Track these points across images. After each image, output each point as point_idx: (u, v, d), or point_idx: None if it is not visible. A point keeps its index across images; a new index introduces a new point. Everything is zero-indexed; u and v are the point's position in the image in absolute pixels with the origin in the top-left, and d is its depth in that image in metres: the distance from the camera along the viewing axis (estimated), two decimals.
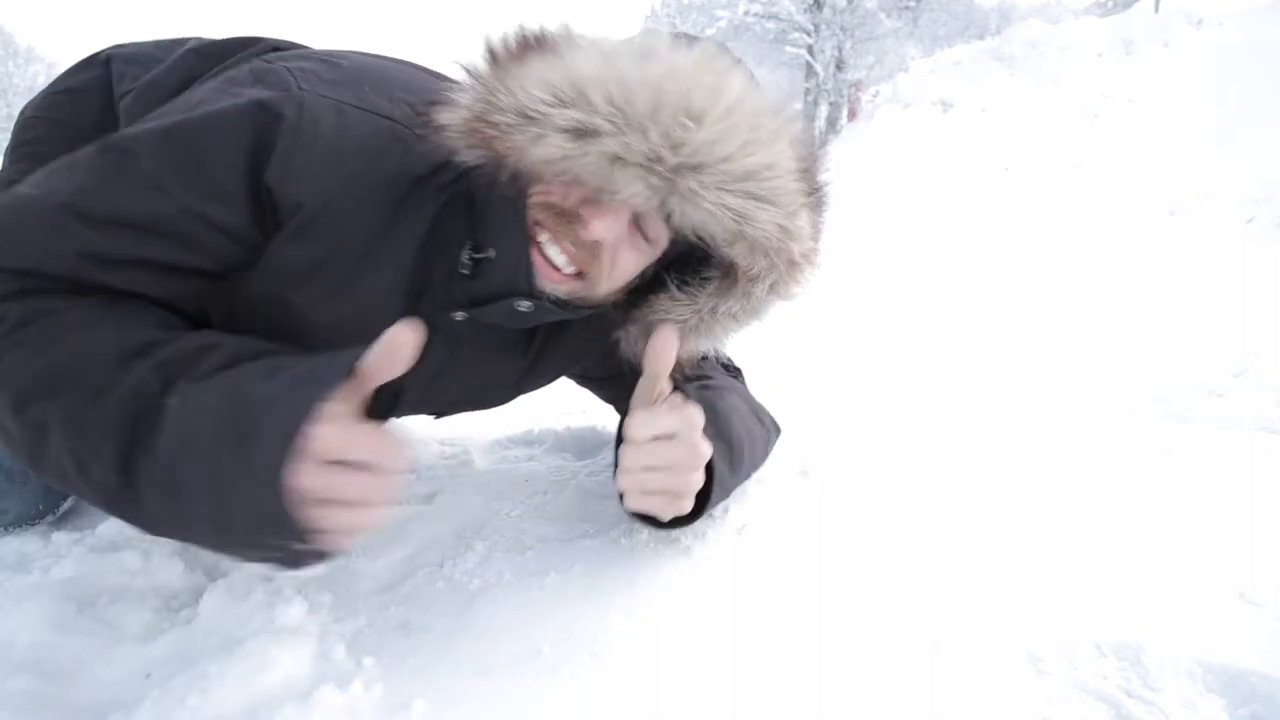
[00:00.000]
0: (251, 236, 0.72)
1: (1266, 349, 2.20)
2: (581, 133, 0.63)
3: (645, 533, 0.90)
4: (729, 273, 0.77)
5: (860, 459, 1.20)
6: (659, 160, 0.63)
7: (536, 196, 0.71)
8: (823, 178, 0.77)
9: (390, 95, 0.76)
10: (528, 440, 1.34)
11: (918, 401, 1.64)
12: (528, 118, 0.64)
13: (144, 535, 0.93)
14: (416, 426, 1.39)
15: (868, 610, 0.76)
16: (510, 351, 0.91)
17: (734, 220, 0.68)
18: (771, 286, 0.77)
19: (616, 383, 1.07)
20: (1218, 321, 2.68)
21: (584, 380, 1.13)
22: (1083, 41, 7.84)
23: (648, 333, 0.80)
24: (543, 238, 0.72)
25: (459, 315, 0.80)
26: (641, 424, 0.75)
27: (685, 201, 0.66)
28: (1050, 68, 7.59)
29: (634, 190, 0.65)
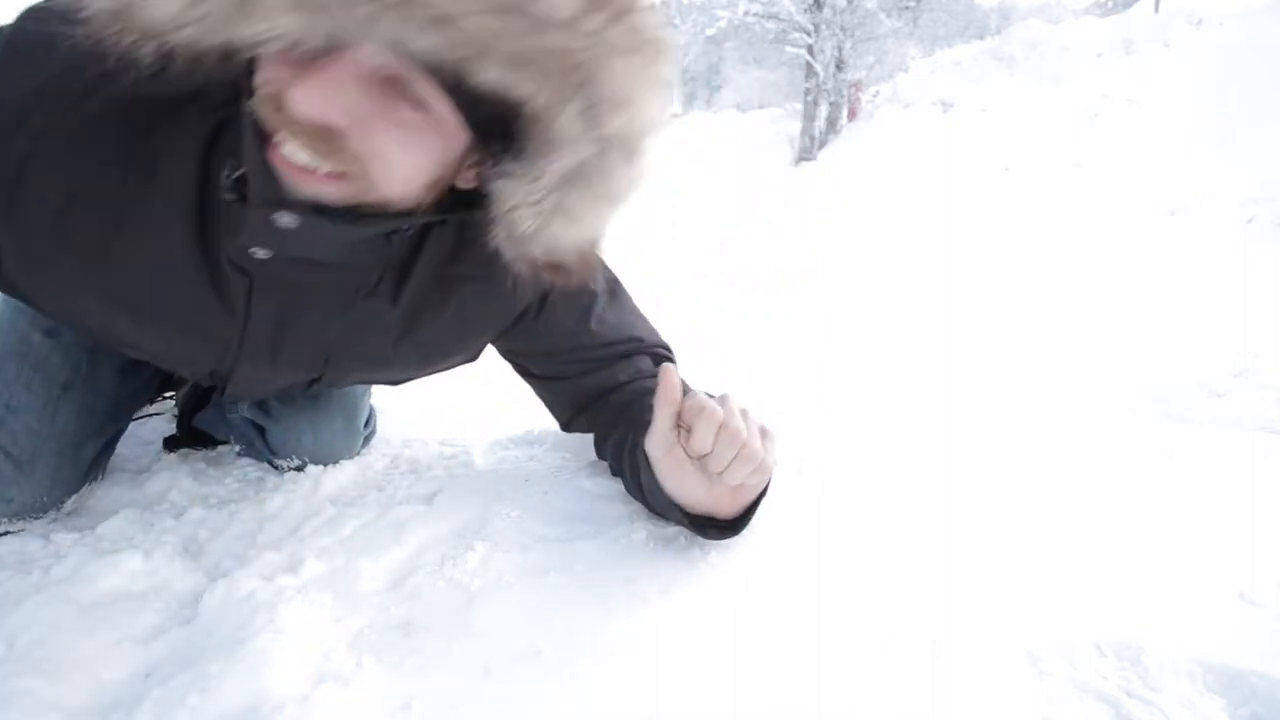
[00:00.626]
0: None
1: (1266, 349, 2.20)
2: None
3: (644, 533, 0.90)
4: (533, 120, 0.56)
5: (859, 458, 1.20)
6: None
7: (260, 90, 0.56)
8: None
9: None
10: (528, 440, 1.34)
11: (917, 400, 1.64)
12: None
13: (145, 535, 0.94)
14: (417, 426, 1.39)
15: (867, 610, 0.76)
16: (368, 296, 0.81)
17: (434, 17, 0.48)
18: (584, 115, 0.55)
19: (557, 386, 1.03)
20: (1218, 321, 2.68)
21: (523, 372, 1.05)
22: (1083, 41, 7.84)
23: (508, 231, 0.64)
24: (278, 137, 0.57)
25: (260, 253, 0.69)
26: (722, 417, 0.73)
27: (365, 18, 0.48)
28: (1050, 68, 7.59)
29: (285, 24, 0.48)
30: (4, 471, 0.93)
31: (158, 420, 1.41)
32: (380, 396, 1.32)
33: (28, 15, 0.67)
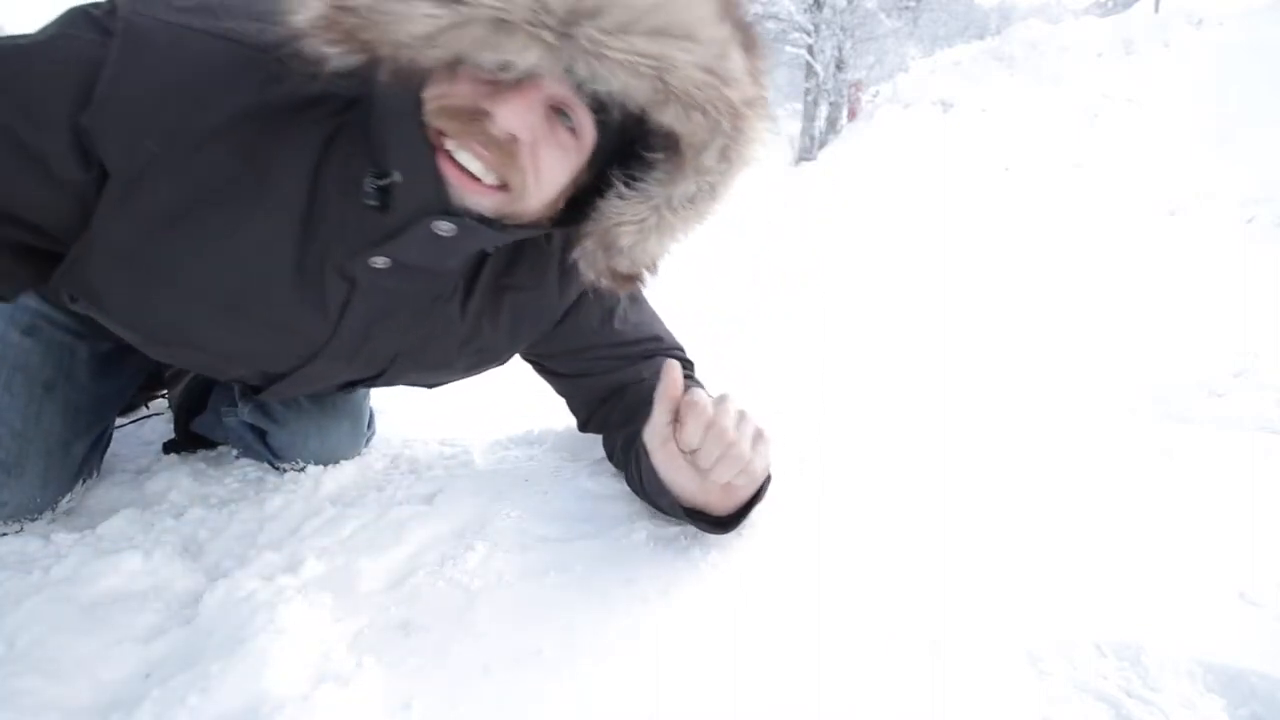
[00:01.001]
0: (75, 178, 0.66)
1: (1266, 349, 2.20)
2: None
3: (644, 533, 0.90)
4: (673, 149, 0.68)
5: (859, 458, 1.20)
6: (546, 9, 0.55)
7: (432, 103, 0.63)
8: (749, 15, 0.67)
9: (259, 21, 0.67)
10: (528, 440, 1.34)
11: (917, 400, 1.64)
12: None
13: (145, 535, 0.94)
14: (417, 426, 1.39)
15: (867, 610, 0.76)
16: (445, 302, 0.84)
17: (652, 69, 0.58)
18: (722, 152, 0.67)
19: (575, 381, 1.07)
20: (1218, 321, 2.68)
21: (541, 369, 1.09)
22: (1083, 41, 7.84)
23: (605, 245, 0.74)
24: (450, 144, 0.64)
25: (379, 262, 0.73)
26: (711, 415, 0.76)
27: (592, 58, 0.57)
28: (1050, 68, 7.59)
29: (529, 57, 0.56)
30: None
31: (157, 420, 1.41)
32: (380, 397, 1.32)
33: (139, 4, 0.65)
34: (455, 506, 0.99)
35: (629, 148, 0.72)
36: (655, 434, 0.80)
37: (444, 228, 0.68)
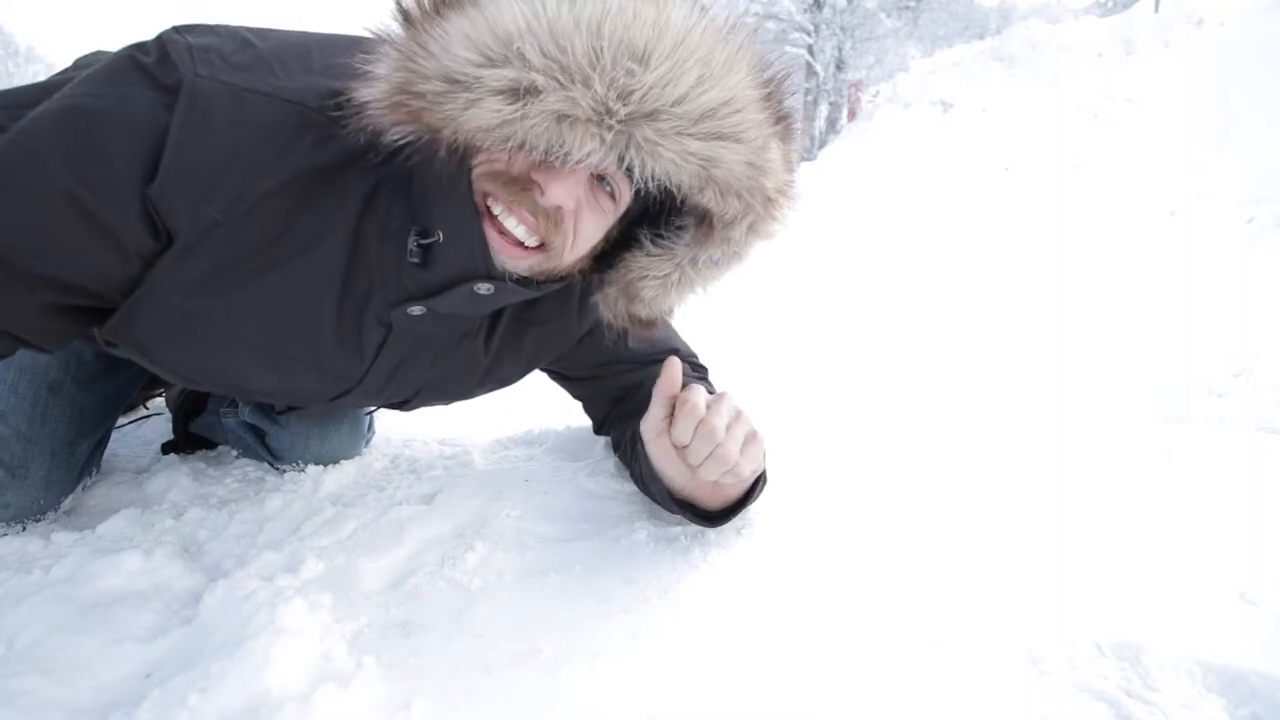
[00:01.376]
0: (145, 248, 0.67)
1: (1266, 349, 2.20)
2: (519, 93, 0.57)
3: (644, 533, 0.90)
4: (704, 219, 0.73)
5: (859, 458, 1.20)
6: (609, 113, 0.58)
7: (481, 167, 0.67)
8: (787, 104, 0.70)
9: (309, 79, 0.69)
10: (528, 440, 1.34)
11: (916, 400, 1.64)
12: (456, 82, 0.58)
13: (145, 535, 0.94)
14: (417, 426, 1.39)
15: (868, 610, 0.76)
16: (472, 339, 0.88)
17: (700, 166, 0.63)
18: (750, 227, 0.73)
19: (591, 384, 1.11)
20: (1218, 321, 2.68)
21: (557, 376, 1.13)
22: (1083, 41, 7.84)
23: (628, 294, 0.79)
24: (496, 209, 0.68)
25: (416, 310, 0.76)
26: (702, 414, 0.77)
27: (644, 153, 0.61)
28: (1050, 68, 7.59)
29: (587, 150, 0.59)
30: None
31: (157, 420, 1.41)
32: None
33: (198, 64, 0.66)
34: (455, 506, 0.99)
35: (660, 210, 0.77)
36: (651, 426, 0.82)
37: (484, 288, 0.72)
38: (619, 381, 1.07)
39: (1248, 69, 6.48)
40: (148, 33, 0.71)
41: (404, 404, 0.99)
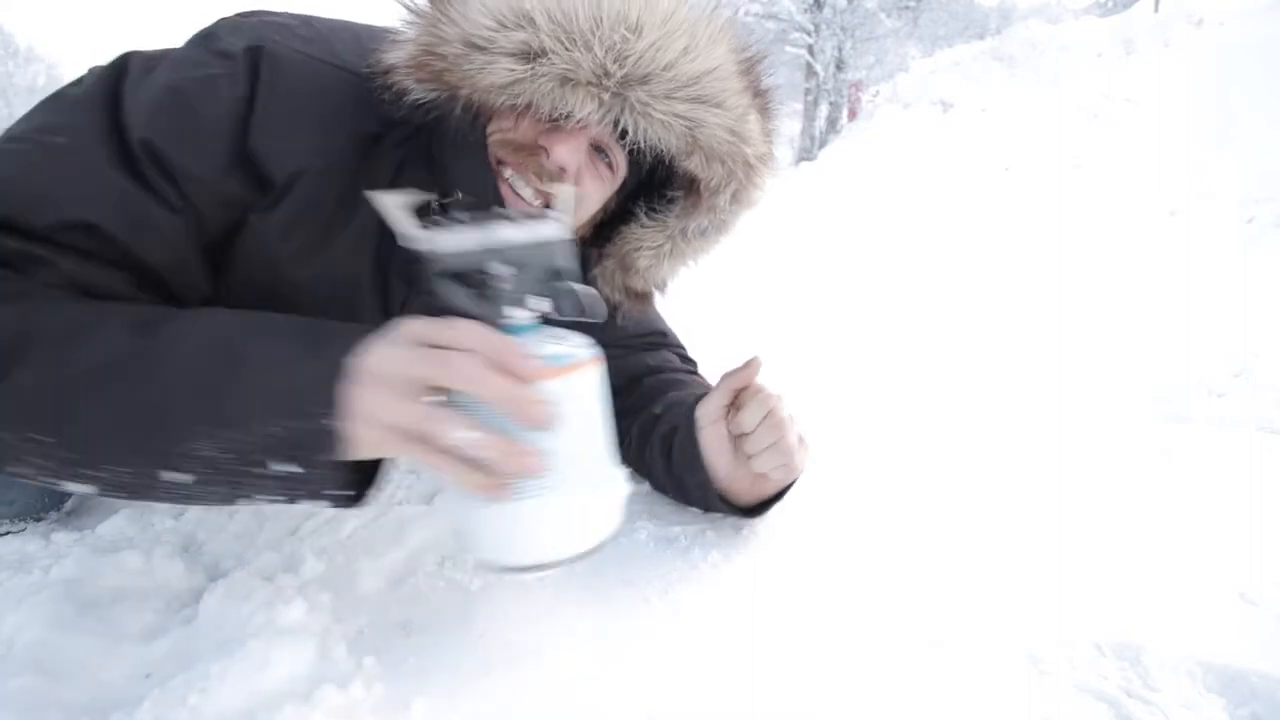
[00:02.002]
0: (244, 199, 0.72)
1: (1266, 349, 2.20)
2: (529, 54, 0.65)
3: (644, 533, 0.90)
4: (691, 190, 0.81)
5: (859, 458, 1.20)
6: (606, 74, 0.66)
7: (495, 135, 0.74)
8: (765, 82, 0.79)
9: (361, 54, 0.76)
10: None
11: (917, 400, 1.64)
12: (474, 46, 0.66)
13: (144, 535, 0.94)
14: None
15: (868, 610, 0.76)
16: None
17: (686, 127, 0.71)
18: (734, 195, 0.81)
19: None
20: (1218, 321, 2.68)
21: None
22: (1083, 41, 7.84)
23: (624, 265, 0.87)
24: (507, 174, 0.75)
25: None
26: (774, 404, 0.84)
27: (638, 115, 0.69)
28: (1050, 68, 7.59)
29: (587, 109, 0.67)
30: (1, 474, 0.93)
31: None
32: None
33: (274, 34, 0.73)
34: None
35: (652, 184, 0.85)
36: (710, 412, 0.86)
37: None
38: (614, 366, 1.08)
39: (1248, 69, 6.48)
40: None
41: None
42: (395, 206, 0.61)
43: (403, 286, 0.84)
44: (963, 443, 1.31)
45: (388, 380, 0.52)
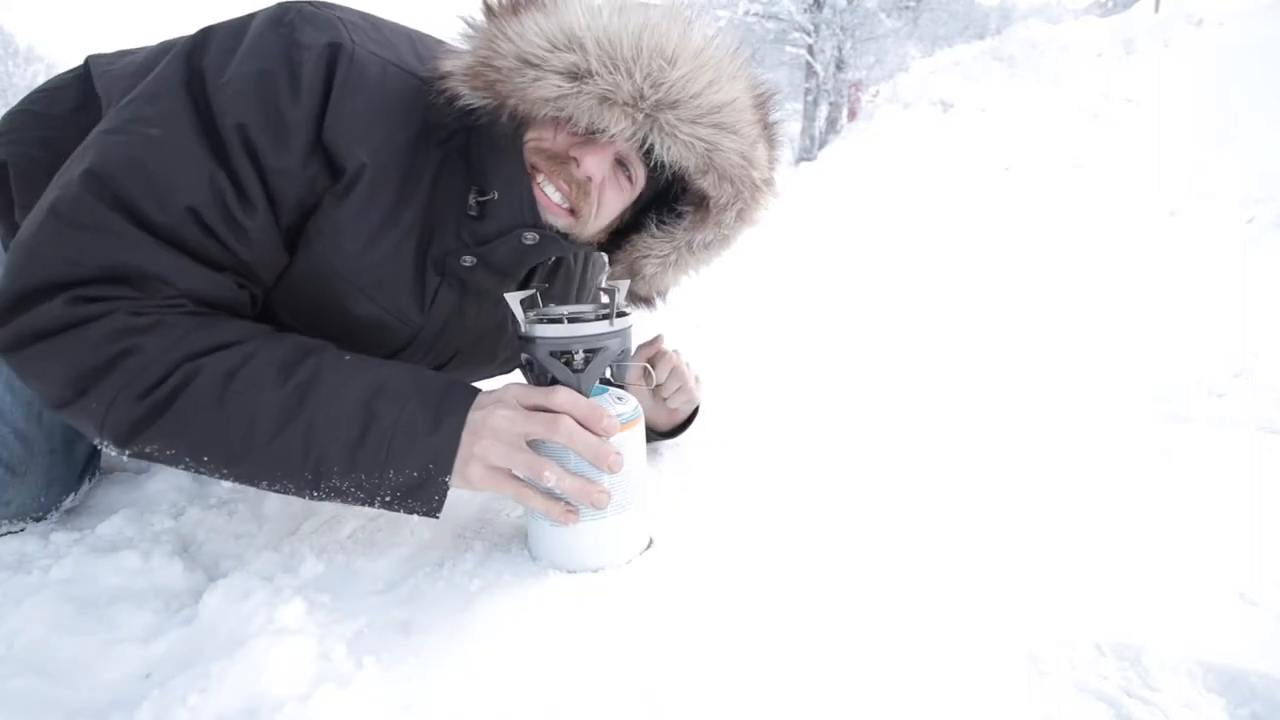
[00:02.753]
0: (320, 185, 0.79)
1: (1266, 349, 2.20)
2: (577, 74, 0.73)
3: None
4: (701, 206, 0.90)
5: (858, 458, 1.20)
6: (642, 97, 0.74)
7: (530, 143, 0.82)
8: (774, 117, 0.88)
9: (418, 59, 0.84)
10: None
11: (917, 400, 1.64)
12: (528, 62, 0.73)
13: (144, 535, 0.94)
14: None
15: (867, 610, 0.76)
16: (500, 305, 0.99)
17: (705, 149, 0.80)
18: (739, 213, 0.90)
19: None
20: (1218, 321, 2.68)
21: None
22: (1083, 41, 7.84)
23: (631, 271, 0.97)
24: (539, 179, 0.83)
25: (467, 260, 0.89)
26: (676, 362, 1.06)
27: (665, 135, 0.77)
28: (1050, 68, 7.59)
29: (621, 126, 0.75)
30: None
31: None
32: None
33: (352, 33, 0.80)
34: (455, 506, 0.99)
35: (665, 199, 0.95)
36: (632, 375, 1.01)
37: (530, 237, 0.85)
38: None
39: (1248, 69, 6.48)
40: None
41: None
42: (514, 302, 0.80)
43: (436, 276, 0.91)
44: (963, 442, 1.31)
45: (504, 437, 0.73)
